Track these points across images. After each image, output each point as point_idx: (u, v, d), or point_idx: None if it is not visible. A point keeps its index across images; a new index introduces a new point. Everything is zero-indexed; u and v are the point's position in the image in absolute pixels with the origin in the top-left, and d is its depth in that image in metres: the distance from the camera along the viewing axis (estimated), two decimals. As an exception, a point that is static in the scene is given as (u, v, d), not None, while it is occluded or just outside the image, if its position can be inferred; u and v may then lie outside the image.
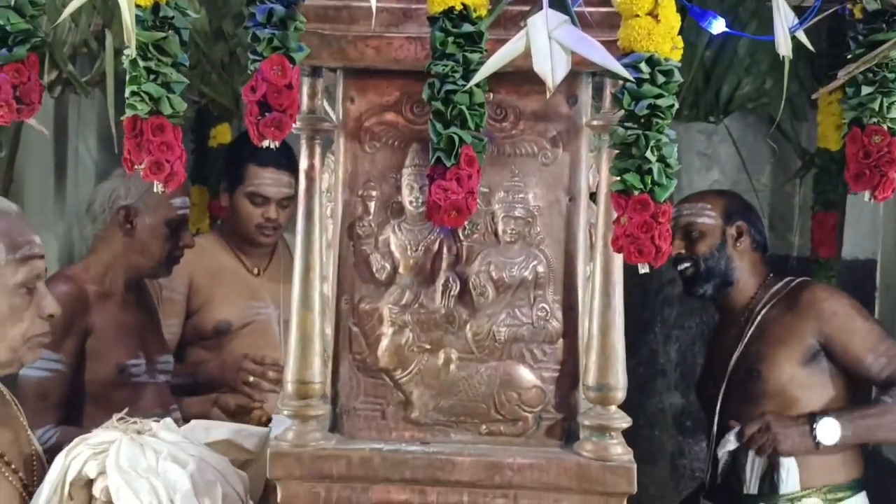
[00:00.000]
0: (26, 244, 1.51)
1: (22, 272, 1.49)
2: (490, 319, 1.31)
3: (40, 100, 1.08)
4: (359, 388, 1.34)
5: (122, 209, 2.20)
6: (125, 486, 1.46)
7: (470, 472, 1.27)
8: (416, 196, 1.30)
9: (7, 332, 1.49)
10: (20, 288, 1.50)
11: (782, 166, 3.62)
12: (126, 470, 1.48)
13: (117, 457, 1.50)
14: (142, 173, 1.06)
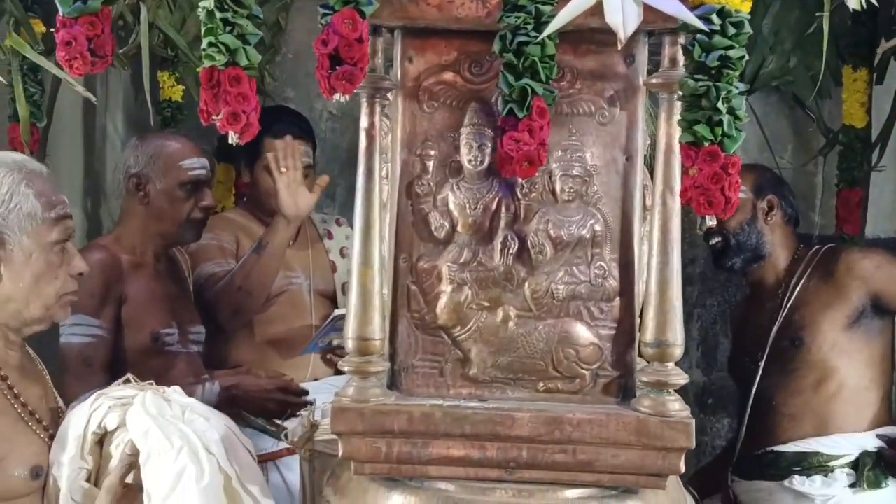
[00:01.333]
0: (59, 203, 1.57)
1: (56, 231, 1.55)
2: (548, 277, 1.32)
3: (113, 53, 1.09)
4: (417, 345, 1.36)
5: (133, 177, 2.23)
6: (155, 428, 1.48)
7: (529, 427, 1.29)
8: (474, 155, 1.31)
9: (43, 288, 1.54)
10: (55, 246, 1.55)
11: (804, 145, 3.62)
12: (155, 415, 1.50)
13: (144, 405, 1.52)
14: (218, 124, 1.07)
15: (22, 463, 1.51)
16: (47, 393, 1.64)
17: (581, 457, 1.29)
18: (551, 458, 1.29)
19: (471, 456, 1.30)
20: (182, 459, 1.44)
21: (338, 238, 2.85)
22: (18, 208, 1.51)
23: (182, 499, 1.43)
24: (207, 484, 1.44)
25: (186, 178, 2.23)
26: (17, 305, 1.54)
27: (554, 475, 1.31)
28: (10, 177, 1.52)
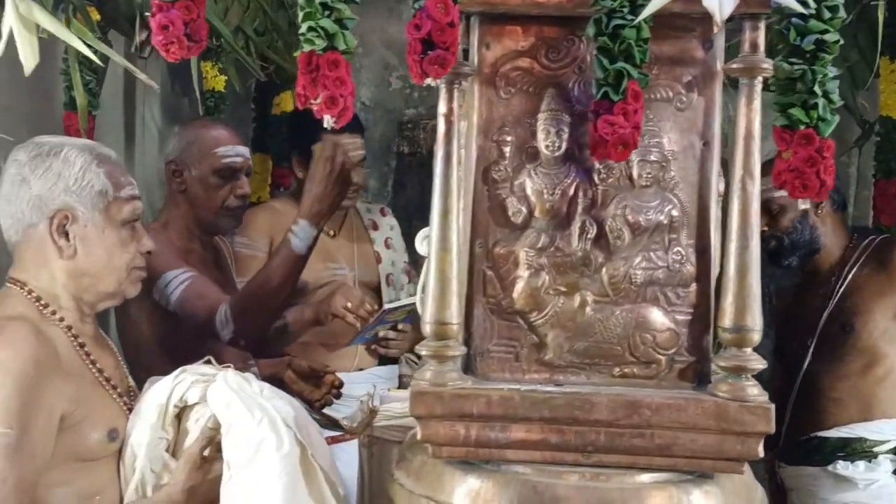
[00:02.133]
0: (128, 185, 1.63)
1: (126, 210, 1.61)
2: (626, 262, 1.33)
3: (207, 38, 1.10)
4: (492, 330, 1.36)
5: (171, 163, 2.25)
6: (237, 401, 1.52)
7: (608, 411, 1.29)
8: (552, 140, 1.31)
9: (115, 263, 1.60)
10: (126, 224, 1.61)
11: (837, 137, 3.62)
12: (237, 390, 1.54)
13: (226, 381, 1.56)
14: (315, 108, 1.08)
15: (100, 425, 1.55)
16: (118, 364, 1.68)
17: (659, 441, 1.30)
18: (629, 442, 1.30)
19: (548, 440, 1.31)
20: (263, 429, 1.49)
21: (382, 228, 2.87)
22: (91, 186, 1.56)
23: (262, 466, 1.48)
24: (287, 453, 1.49)
25: (220, 165, 2.25)
26: (92, 279, 1.59)
27: (630, 459, 1.32)
28: (83, 157, 1.57)
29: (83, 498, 1.55)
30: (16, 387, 1.43)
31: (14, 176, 1.56)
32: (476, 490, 1.32)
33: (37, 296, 1.57)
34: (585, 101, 1.32)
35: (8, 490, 1.41)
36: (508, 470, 1.33)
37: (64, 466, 1.51)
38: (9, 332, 1.49)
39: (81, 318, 1.61)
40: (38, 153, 1.56)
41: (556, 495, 1.29)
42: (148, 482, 1.56)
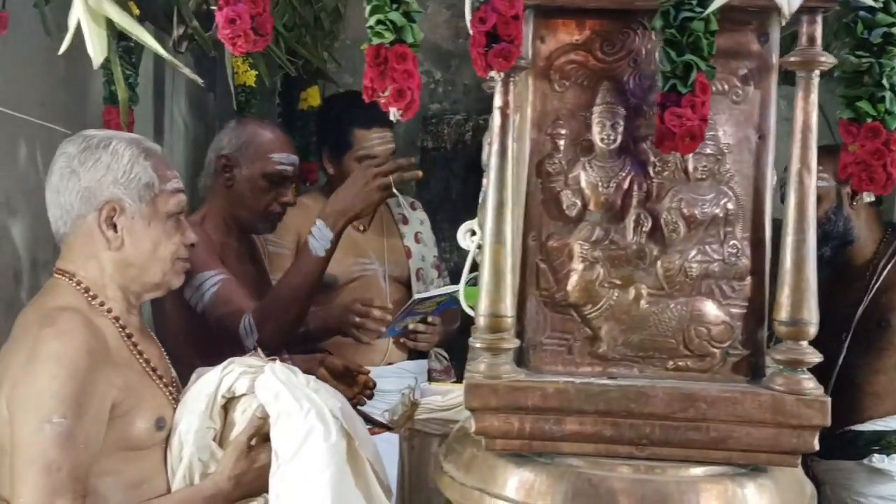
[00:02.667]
0: (173, 178, 1.65)
1: (172, 202, 1.63)
2: (681, 255, 1.33)
3: (272, 32, 1.10)
4: (545, 323, 1.37)
5: (222, 157, 2.25)
6: (286, 391, 1.54)
7: (664, 404, 1.29)
8: (607, 133, 1.31)
9: (160, 254, 1.62)
10: (171, 216, 1.63)
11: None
12: (285, 381, 1.55)
13: (274, 372, 1.57)
14: (382, 101, 1.08)
15: (148, 414, 1.57)
16: (162, 355, 1.69)
17: (714, 434, 1.30)
18: (684, 435, 1.30)
19: (603, 432, 1.31)
20: (310, 420, 1.50)
21: (412, 223, 2.86)
22: (138, 179, 1.58)
23: (310, 455, 1.50)
24: (334, 443, 1.51)
25: (272, 170, 2.25)
26: (138, 270, 1.61)
27: (685, 452, 1.32)
28: (131, 150, 1.59)
29: (131, 486, 1.56)
30: (69, 376, 1.45)
31: (63, 168, 1.57)
32: (530, 483, 1.33)
33: (85, 287, 1.58)
34: (640, 94, 1.32)
35: (62, 478, 1.42)
36: (562, 463, 1.34)
37: (112, 455, 1.53)
38: (61, 323, 1.50)
39: (128, 309, 1.63)
40: (87, 146, 1.57)
41: (611, 488, 1.29)
42: (196, 470, 1.58)
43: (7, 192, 2.13)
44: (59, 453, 1.42)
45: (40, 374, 1.46)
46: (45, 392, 1.44)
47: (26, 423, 1.45)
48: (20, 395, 1.47)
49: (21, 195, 2.19)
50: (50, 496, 1.41)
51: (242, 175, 2.24)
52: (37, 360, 1.47)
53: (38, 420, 1.43)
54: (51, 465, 1.42)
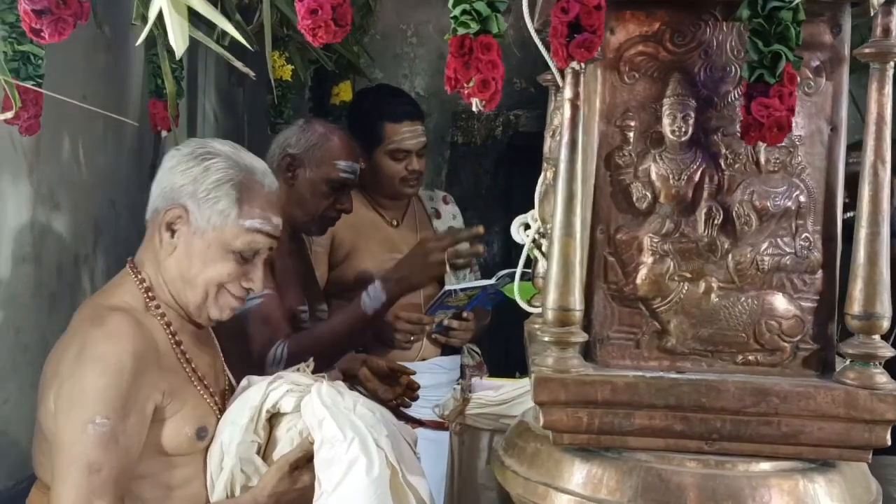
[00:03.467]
0: (260, 218, 1.59)
1: (242, 240, 1.58)
2: (753, 249, 1.32)
3: (351, 22, 1.10)
4: (613, 316, 1.36)
5: (288, 157, 2.24)
6: (330, 419, 1.51)
7: (735, 399, 1.28)
8: (678, 125, 1.30)
9: (204, 277, 1.58)
10: (234, 254, 1.58)
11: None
12: (330, 406, 1.53)
13: (319, 394, 1.55)
14: (465, 93, 1.07)
15: (190, 423, 1.56)
16: (216, 363, 1.68)
17: (785, 429, 1.29)
18: (755, 430, 1.29)
19: (673, 427, 1.30)
20: (353, 450, 1.48)
21: (445, 217, 2.86)
22: (215, 202, 1.55)
23: (352, 488, 1.47)
24: (377, 476, 1.48)
25: (336, 177, 2.25)
26: (182, 285, 1.59)
27: (755, 447, 1.31)
28: (224, 173, 1.57)
29: (168, 490, 1.56)
30: (114, 378, 1.45)
31: (168, 161, 1.60)
32: (598, 477, 1.32)
33: (147, 286, 1.58)
34: (711, 85, 1.31)
35: (103, 479, 1.42)
36: (630, 457, 1.33)
37: (151, 459, 1.52)
38: (110, 324, 1.50)
39: (180, 316, 1.61)
40: (192, 152, 1.59)
41: (681, 483, 1.28)
42: (237, 482, 1.57)
43: (51, 186, 2.13)
44: (101, 454, 1.42)
45: (86, 374, 1.46)
46: (89, 393, 1.44)
47: (70, 422, 1.45)
48: (66, 393, 1.47)
49: (64, 189, 2.19)
50: (89, 497, 1.41)
51: (306, 177, 2.24)
52: (84, 359, 1.47)
53: (81, 420, 1.43)
54: (91, 466, 1.42)
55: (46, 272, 2.14)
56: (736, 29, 1.29)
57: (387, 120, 2.61)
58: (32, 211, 2.07)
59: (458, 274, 2.84)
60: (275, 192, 1.63)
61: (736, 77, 1.30)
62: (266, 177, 1.62)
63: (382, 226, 2.67)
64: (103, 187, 2.38)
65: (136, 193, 2.54)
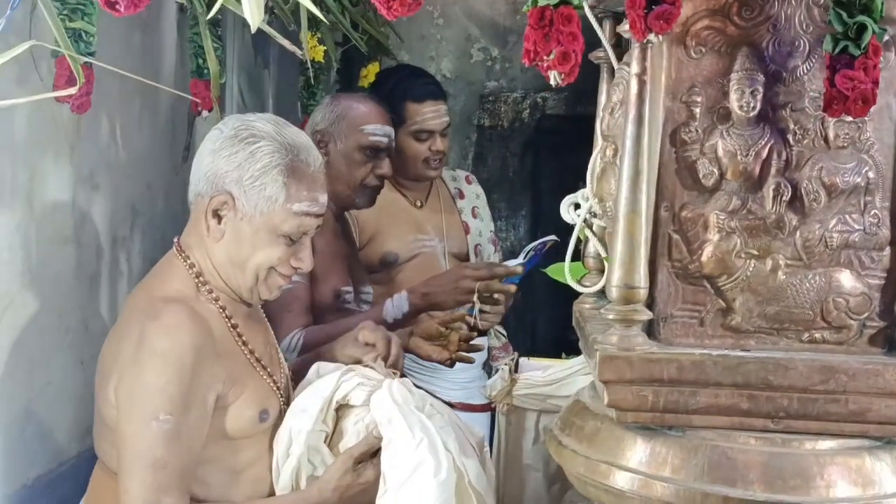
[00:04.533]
0: (308, 201, 1.56)
1: (290, 224, 1.55)
2: (821, 225, 1.30)
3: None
4: (676, 294, 1.35)
5: (317, 133, 2.22)
6: (400, 417, 1.50)
7: (803, 376, 1.27)
8: (746, 101, 1.29)
9: (255, 262, 1.56)
10: (283, 236, 1.56)
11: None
12: (400, 404, 1.52)
13: (391, 392, 1.54)
14: (544, 66, 1.06)
15: (251, 406, 1.55)
16: (268, 339, 1.68)
17: (853, 406, 1.28)
18: (822, 407, 1.28)
19: (739, 405, 1.30)
20: (421, 451, 1.47)
21: (469, 197, 2.84)
22: (262, 188, 1.52)
23: (418, 489, 1.46)
24: (444, 479, 1.47)
25: (366, 143, 2.22)
26: (232, 269, 1.57)
27: (821, 425, 1.30)
28: (271, 158, 1.53)
29: (232, 473, 1.55)
30: (175, 374, 1.44)
31: (210, 143, 1.56)
32: (663, 456, 1.31)
33: (197, 271, 1.56)
34: (780, 60, 1.29)
35: (168, 474, 1.42)
36: (694, 436, 1.32)
37: (215, 444, 1.52)
38: (166, 317, 1.48)
39: (231, 298, 1.60)
40: (236, 134, 1.54)
41: (748, 462, 1.28)
42: (303, 472, 1.56)
43: (91, 167, 2.12)
44: (166, 451, 1.42)
45: (147, 370, 1.45)
46: (151, 389, 1.43)
47: (133, 418, 1.44)
48: (127, 389, 1.46)
49: (103, 171, 2.18)
50: (156, 493, 1.41)
51: (338, 150, 2.22)
52: (143, 354, 1.46)
53: (144, 417, 1.43)
54: (157, 463, 1.41)
55: (86, 253, 2.13)
56: (805, 2, 1.28)
57: (409, 100, 2.58)
58: (73, 192, 2.06)
59: (485, 256, 2.82)
60: (320, 168, 1.60)
61: (805, 51, 1.28)
62: (311, 154, 1.59)
63: (406, 207, 2.65)
64: (139, 169, 2.37)
65: (171, 175, 2.53)
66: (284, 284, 1.63)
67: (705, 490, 1.26)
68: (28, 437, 1.97)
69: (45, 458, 2.03)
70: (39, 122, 1.90)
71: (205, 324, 1.52)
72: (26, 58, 1.70)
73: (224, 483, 1.53)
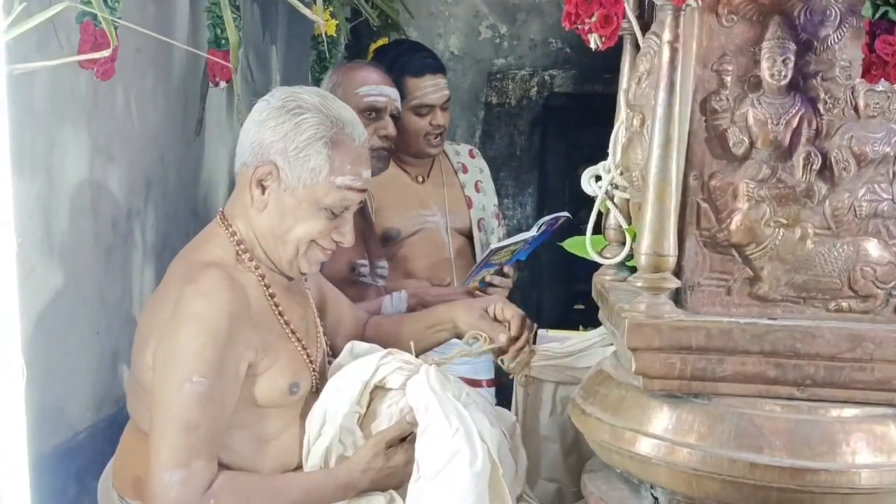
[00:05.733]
0: (352, 175, 1.56)
1: (333, 197, 1.56)
2: (850, 194, 1.31)
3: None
4: (704, 263, 1.35)
5: None
6: (436, 405, 1.51)
7: (830, 344, 1.28)
8: (778, 69, 1.29)
9: (296, 234, 1.56)
10: (324, 210, 1.56)
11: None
12: (438, 392, 1.52)
13: (428, 378, 1.54)
14: (584, 28, 1.06)
15: (283, 377, 1.55)
16: (307, 314, 1.67)
17: (879, 374, 1.29)
18: (849, 375, 1.29)
19: (766, 373, 1.31)
20: (458, 441, 1.47)
21: (472, 172, 2.82)
22: (306, 160, 1.52)
23: (453, 479, 1.46)
24: (480, 471, 1.46)
25: (363, 105, 2.22)
26: (273, 240, 1.57)
27: (847, 393, 1.31)
28: (315, 130, 1.53)
29: (260, 441, 1.56)
30: (210, 338, 1.44)
31: (258, 113, 1.56)
32: (689, 423, 1.32)
33: (238, 240, 1.57)
34: (811, 28, 1.29)
35: (200, 437, 1.42)
36: (720, 403, 1.33)
37: (244, 411, 1.52)
38: (204, 282, 1.48)
39: (271, 269, 1.60)
40: (283, 105, 1.54)
41: (775, 429, 1.29)
42: (334, 451, 1.56)
43: (107, 139, 2.12)
44: (198, 413, 1.42)
45: (182, 333, 1.45)
46: (186, 352, 1.44)
47: (167, 380, 1.45)
48: (163, 352, 1.47)
49: (118, 143, 2.17)
50: (188, 454, 1.42)
51: None
52: (180, 318, 1.46)
53: (178, 379, 1.43)
54: (189, 425, 1.42)
55: (103, 225, 2.13)
56: (837, -29, 1.28)
57: (408, 75, 2.56)
58: (90, 163, 2.06)
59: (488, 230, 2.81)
60: (365, 143, 1.60)
61: (836, 20, 1.28)
62: (356, 128, 1.58)
63: (408, 182, 2.64)
64: (153, 141, 2.36)
65: (184, 148, 2.53)
66: (325, 259, 1.64)
67: (731, 457, 1.27)
68: (46, 407, 1.97)
69: (62, 427, 2.03)
70: (59, 92, 1.89)
71: (242, 291, 1.52)
72: (46, 25, 1.69)
73: (251, 451, 1.54)
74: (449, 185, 2.73)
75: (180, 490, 1.39)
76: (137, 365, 1.54)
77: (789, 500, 1.27)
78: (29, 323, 1.87)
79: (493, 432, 1.51)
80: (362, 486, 1.53)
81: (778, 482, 1.25)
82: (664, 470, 1.33)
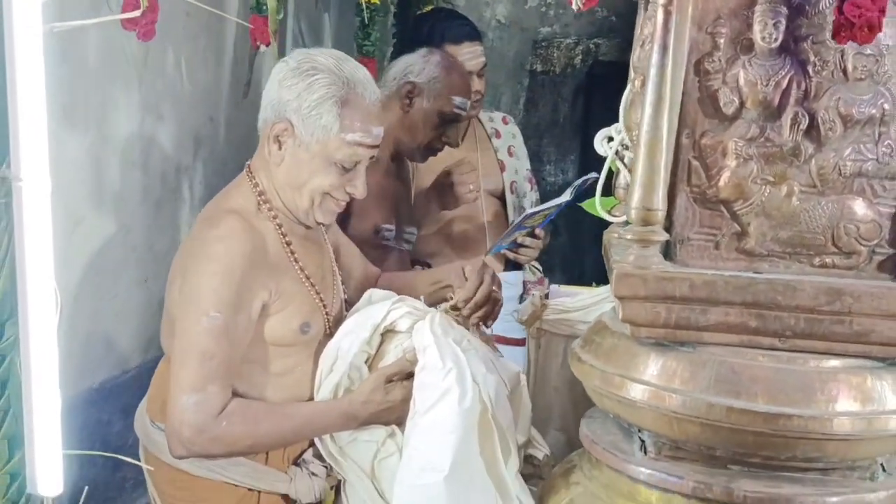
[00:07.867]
0: (361, 132, 1.66)
1: (344, 152, 1.66)
2: (836, 154, 1.36)
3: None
4: (694, 218, 1.42)
5: (409, 84, 2.31)
6: (434, 346, 1.61)
7: (810, 297, 1.34)
8: (769, 32, 1.33)
9: (311, 186, 1.67)
10: (336, 165, 1.67)
11: None
12: (438, 335, 1.62)
13: (431, 322, 1.65)
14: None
15: (295, 318, 1.68)
16: (324, 263, 1.79)
17: (857, 328, 1.34)
18: (828, 328, 1.35)
19: (748, 324, 1.37)
20: (449, 380, 1.57)
21: (505, 137, 2.91)
22: (318, 117, 1.63)
23: (442, 414, 1.56)
24: (468, 408, 1.56)
25: (450, 112, 2.32)
26: (291, 193, 1.69)
27: (826, 345, 1.36)
28: (327, 90, 1.63)
29: (274, 375, 1.69)
30: (226, 277, 1.57)
31: (278, 73, 1.67)
32: (673, 369, 1.39)
33: (260, 190, 1.69)
34: (803, -8, 1.33)
35: (215, 365, 1.56)
36: (704, 351, 1.40)
37: (259, 347, 1.65)
38: (223, 227, 1.62)
39: (290, 219, 1.72)
40: (298, 66, 1.65)
41: (754, 376, 1.35)
42: (342, 386, 1.68)
43: (157, 99, 2.26)
44: (214, 344, 1.56)
45: (202, 272, 1.59)
46: (205, 289, 1.58)
47: (187, 314, 1.59)
48: (186, 288, 1.62)
49: (168, 102, 2.32)
50: (203, 380, 1.55)
51: (422, 106, 2.31)
52: (201, 259, 1.60)
53: (197, 313, 1.57)
54: (205, 354, 1.56)
55: (152, 179, 2.29)
56: (830, -65, 1.31)
57: (447, 42, 2.64)
58: (141, 121, 2.21)
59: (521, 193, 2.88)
60: (376, 101, 1.69)
61: (828, -15, 1.32)
62: (367, 88, 1.68)
63: None
64: (203, 102, 2.50)
65: (233, 110, 2.67)
66: (339, 210, 1.75)
67: (710, 401, 1.34)
68: (94, 344, 2.15)
69: (110, 364, 2.20)
70: (110, 51, 2.04)
71: (259, 236, 1.65)
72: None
73: (264, 383, 1.67)
74: (483, 150, 2.82)
75: (196, 411, 1.53)
76: (169, 301, 1.69)
77: (764, 444, 1.34)
78: (79, 266, 2.04)
79: (488, 377, 1.60)
80: (362, 418, 1.65)
81: (752, 426, 1.32)
82: (649, 413, 1.40)
